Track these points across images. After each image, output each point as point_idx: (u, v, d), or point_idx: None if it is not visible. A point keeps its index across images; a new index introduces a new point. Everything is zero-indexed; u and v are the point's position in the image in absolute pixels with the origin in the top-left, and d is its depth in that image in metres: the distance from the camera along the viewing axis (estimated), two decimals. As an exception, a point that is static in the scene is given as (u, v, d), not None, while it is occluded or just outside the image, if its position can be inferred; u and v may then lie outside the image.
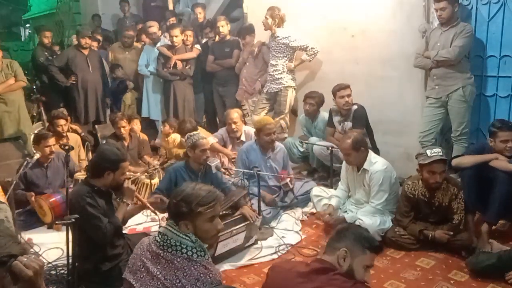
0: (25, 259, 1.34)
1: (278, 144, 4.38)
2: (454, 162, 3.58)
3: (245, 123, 5.31)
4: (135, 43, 6.91)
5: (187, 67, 5.98)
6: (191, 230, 1.93)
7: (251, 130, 4.74)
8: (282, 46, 5.34)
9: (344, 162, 3.86)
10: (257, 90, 5.75)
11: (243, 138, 4.96)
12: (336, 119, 4.74)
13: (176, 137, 5.36)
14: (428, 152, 3.28)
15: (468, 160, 3.48)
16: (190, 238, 1.91)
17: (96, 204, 2.82)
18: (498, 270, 2.91)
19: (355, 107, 4.57)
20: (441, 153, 3.24)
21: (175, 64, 5.94)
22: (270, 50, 5.48)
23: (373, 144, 4.58)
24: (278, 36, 5.33)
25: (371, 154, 3.69)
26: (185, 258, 1.88)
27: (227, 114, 5.04)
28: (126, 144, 5.09)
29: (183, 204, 1.92)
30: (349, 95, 4.54)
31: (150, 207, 3.21)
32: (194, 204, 1.91)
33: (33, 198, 3.96)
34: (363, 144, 3.64)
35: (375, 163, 3.62)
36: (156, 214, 3.21)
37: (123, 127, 5.08)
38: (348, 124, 4.59)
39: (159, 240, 1.93)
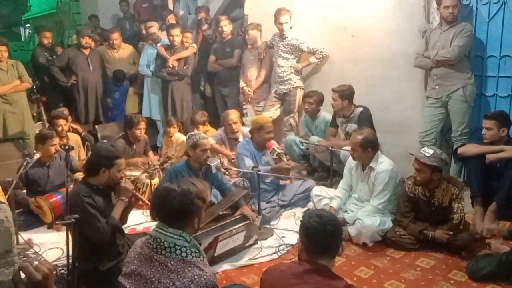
0: (36, 262, 1.33)
1: None
2: (460, 150, 3.75)
3: (243, 124, 5.32)
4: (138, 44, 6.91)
5: (184, 67, 5.96)
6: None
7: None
8: (291, 47, 5.33)
9: (349, 158, 3.87)
10: (256, 99, 5.73)
11: (241, 139, 4.94)
12: (339, 120, 4.74)
13: (179, 137, 5.37)
14: (423, 149, 3.35)
15: (473, 149, 3.64)
16: (184, 238, 1.88)
17: (94, 203, 2.82)
18: (498, 276, 2.88)
19: (360, 109, 4.56)
20: (428, 155, 3.25)
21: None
22: (277, 50, 5.46)
23: (376, 144, 4.59)
24: (287, 37, 5.32)
25: (379, 153, 3.70)
26: (179, 260, 1.83)
27: (226, 115, 5.03)
28: (134, 147, 5.02)
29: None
30: (334, 100, 4.54)
31: (147, 202, 3.18)
32: None
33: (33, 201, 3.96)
34: (372, 146, 3.63)
35: (382, 162, 3.63)
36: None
37: (143, 128, 4.98)
38: (352, 126, 4.58)
39: (151, 243, 1.89)
